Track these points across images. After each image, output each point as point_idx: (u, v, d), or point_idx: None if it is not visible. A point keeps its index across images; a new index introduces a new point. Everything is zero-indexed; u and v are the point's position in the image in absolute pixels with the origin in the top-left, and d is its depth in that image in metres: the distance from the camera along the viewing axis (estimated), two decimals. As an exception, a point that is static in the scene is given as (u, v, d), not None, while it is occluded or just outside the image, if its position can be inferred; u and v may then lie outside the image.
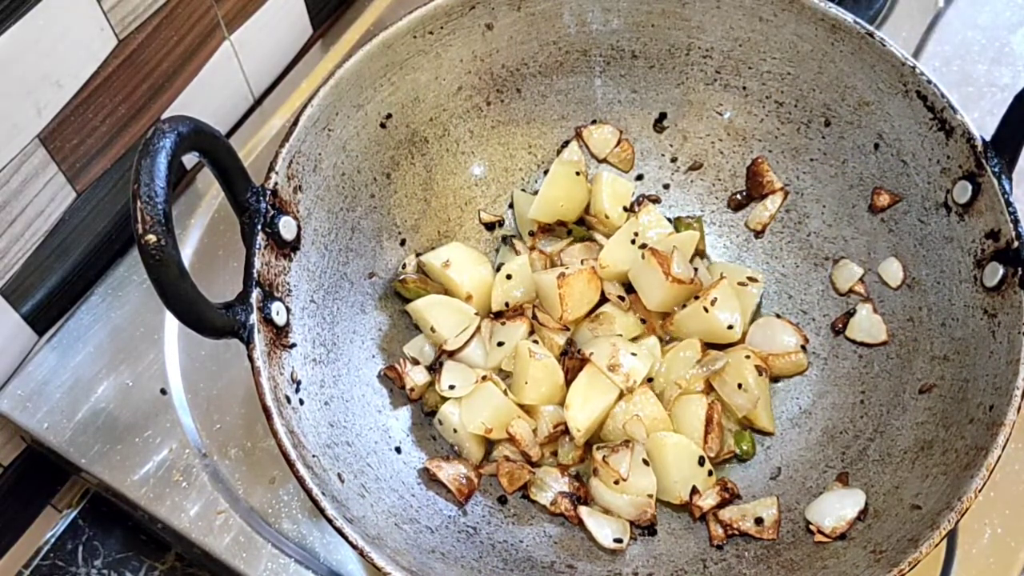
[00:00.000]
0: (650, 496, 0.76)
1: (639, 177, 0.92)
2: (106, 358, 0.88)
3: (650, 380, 0.82)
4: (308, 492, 0.64)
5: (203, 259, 0.92)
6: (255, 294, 0.67)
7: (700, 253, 0.89)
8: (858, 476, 0.76)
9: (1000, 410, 0.67)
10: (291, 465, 0.64)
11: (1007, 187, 0.72)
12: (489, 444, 0.81)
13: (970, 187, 0.74)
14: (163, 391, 0.86)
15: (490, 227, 0.91)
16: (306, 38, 1.07)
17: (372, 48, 0.78)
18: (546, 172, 0.90)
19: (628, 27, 0.87)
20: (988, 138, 0.74)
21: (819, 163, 0.86)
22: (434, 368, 0.83)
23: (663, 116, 0.91)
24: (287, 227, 0.72)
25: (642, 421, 0.78)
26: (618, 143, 0.91)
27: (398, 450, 0.78)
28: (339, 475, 0.69)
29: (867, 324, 0.82)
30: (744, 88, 0.87)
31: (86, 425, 0.85)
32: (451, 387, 0.80)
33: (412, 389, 0.81)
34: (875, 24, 1.07)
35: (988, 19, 1.08)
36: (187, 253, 0.92)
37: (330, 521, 0.63)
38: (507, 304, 0.85)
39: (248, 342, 0.66)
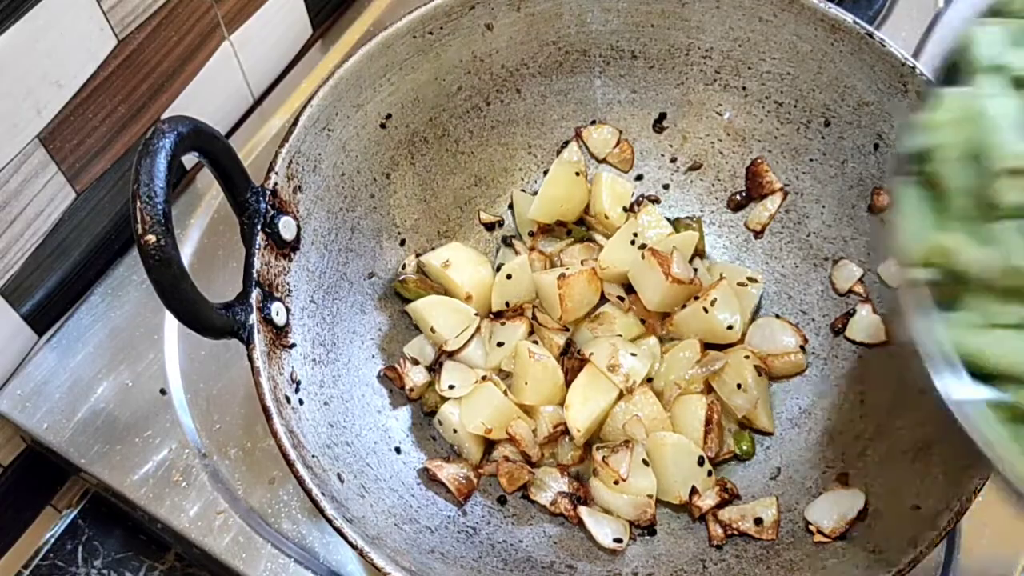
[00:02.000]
0: (650, 496, 0.76)
1: (639, 177, 0.92)
2: (106, 358, 0.88)
3: (650, 380, 0.82)
4: (308, 492, 0.64)
5: (203, 259, 0.92)
6: (255, 294, 0.67)
7: (700, 253, 0.89)
8: (858, 476, 0.76)
9: (1000, 410, 0.67)
10: (290, 465, 0.64)
11: (1007, 187, 0.72)
12: (489, 444, 0.81)
13: (970, 187, 0.74)
14: (163, 391, 0.86)
15: (490, 227, 0.91)
16: (306, 38, 1.07)
17: (372, 48, 0.78)
18: (546, 172, 0.90)
19: (628, 27, 0.87)
20: (988, 138, 0.74)
21: (819, 163, 0.86)
22: (434, 368, 0.83)
23: (663, 116, 0.91)
24: (287, 227, 0.72)
25: (642, 421, 0.78)
26: (617, 143, 0.91)
27: (398, 450, 0.78)
28: (339, 475, 0.69)
29: (867, 324, 0.82)
30: (744, 88, 0.87)
31: (86, 425, 0.85)
32: (451, 387, 0.80)
33: (412, 389, 0.81)
34: (875, 24, 1.07)
35: (988, 19, 1.07)
36: (187, 253, 0.92)
37: (329, 521, 0.63)
38: (507, 304, 0.85)
39: (248, 342, 0.66)
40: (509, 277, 0.85)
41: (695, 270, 0.84)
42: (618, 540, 0.75)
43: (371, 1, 1.09)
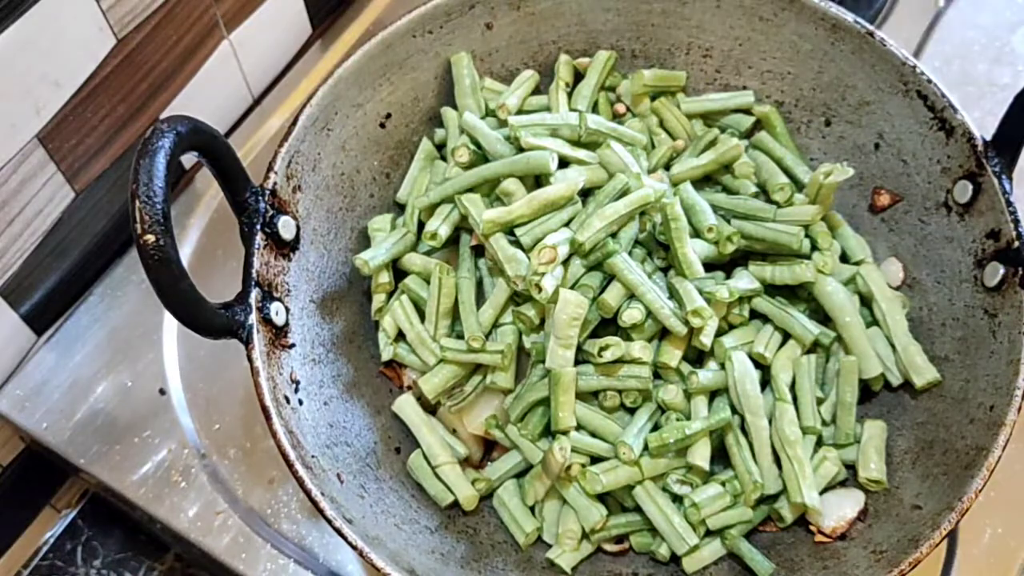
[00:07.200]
0: (650, 496, 0.76)
1: (639, 177, 0.92)
2: (105, 358, 0.88)
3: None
4: (307, 493, 0.64)
5: (202, 259, 0.92)
6: (254, 294, 0.67)
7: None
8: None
9: (1000, 410, 0.67)
10: (290, 465, 0.64)
11: (1007, 187, 0.72)
12: (489, 444, 0.81)
13: (970, 187, 0.74)
14: (162, 391, 0.86)
15: (490, 227, 0.91)
16: (305, 37, 1.07)
17: (371, 47, 0.78)
18: (546, 172, 0.90)
19: (628, 26, 0.87)
20: (988, 138, 0.74)
21: (819, 163, 0.86)
22: (434, 368, 0.83)
23: (663, 116, 0.91)
24: (286, 227, 0.72)
25: (642, 421, 0.78)
26: (618, 143, 0.91)
27: (398, 450, 0.78)
28: (338, 475, 0.69)
29: (867, 324, 0.82)
30: (744, 88, 0.87)
31: (85, 425, 0.85)
32: (451, 387, 0.80)
33: (412, 389, 0.81)
34: (875, 24, 1.07)
35: (988, 19, 1.08)
36: (186, 253, 0.92)
37: (329, 522, 0.63)
38: (507, 304, 0.85)
39: (247, 342, 0.66)
40: (509, 277, 0.85)
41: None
42: (620, 541, 0.75)
43: (371, 1, 1.09)
